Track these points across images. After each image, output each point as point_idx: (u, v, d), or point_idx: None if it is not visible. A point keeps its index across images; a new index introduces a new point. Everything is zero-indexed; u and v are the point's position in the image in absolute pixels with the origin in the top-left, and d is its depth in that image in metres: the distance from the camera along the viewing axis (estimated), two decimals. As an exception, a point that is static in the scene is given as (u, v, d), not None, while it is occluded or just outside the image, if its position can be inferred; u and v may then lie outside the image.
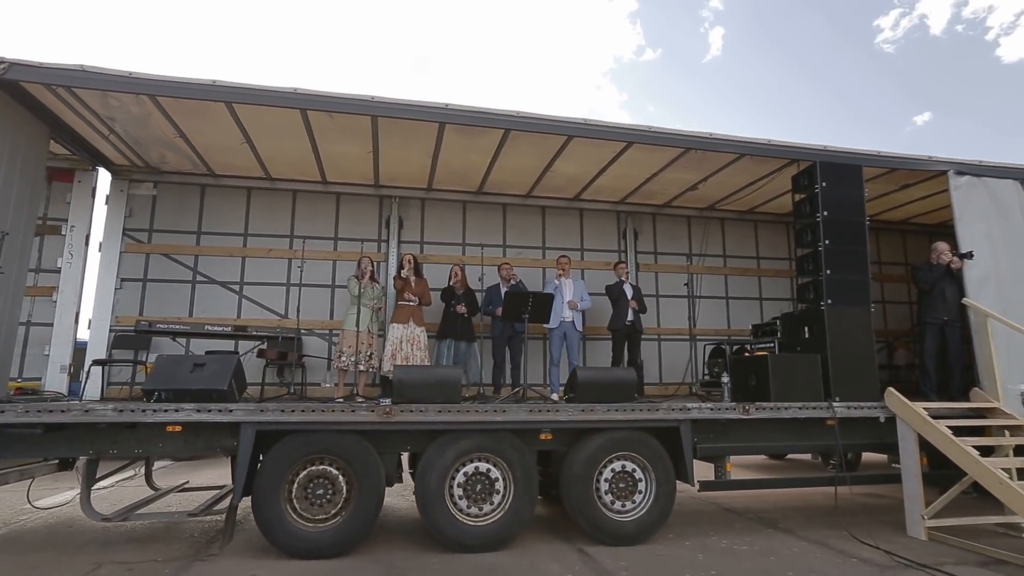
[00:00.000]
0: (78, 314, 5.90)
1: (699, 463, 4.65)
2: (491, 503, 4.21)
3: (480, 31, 58.39)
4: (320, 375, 6.59)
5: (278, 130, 5.41)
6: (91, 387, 5.71)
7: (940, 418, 4.68)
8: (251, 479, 3.95)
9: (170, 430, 3.93)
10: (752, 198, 7.43)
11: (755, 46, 50.86)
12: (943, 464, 4.64)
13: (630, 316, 6.58)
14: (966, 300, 5.39)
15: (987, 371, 5.13)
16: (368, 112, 4.86)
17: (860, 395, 4.98)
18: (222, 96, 4.55)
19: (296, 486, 4.00)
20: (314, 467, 4.05)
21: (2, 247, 4.35)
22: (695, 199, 7.48)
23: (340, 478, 4.06)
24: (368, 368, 5.94)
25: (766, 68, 52.64)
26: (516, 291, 5.88)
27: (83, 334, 6.10)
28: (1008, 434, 4.77)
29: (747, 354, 6.55)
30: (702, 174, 6.56)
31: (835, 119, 50.28)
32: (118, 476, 5.95)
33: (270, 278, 6.66)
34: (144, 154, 6.02)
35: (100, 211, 6.26)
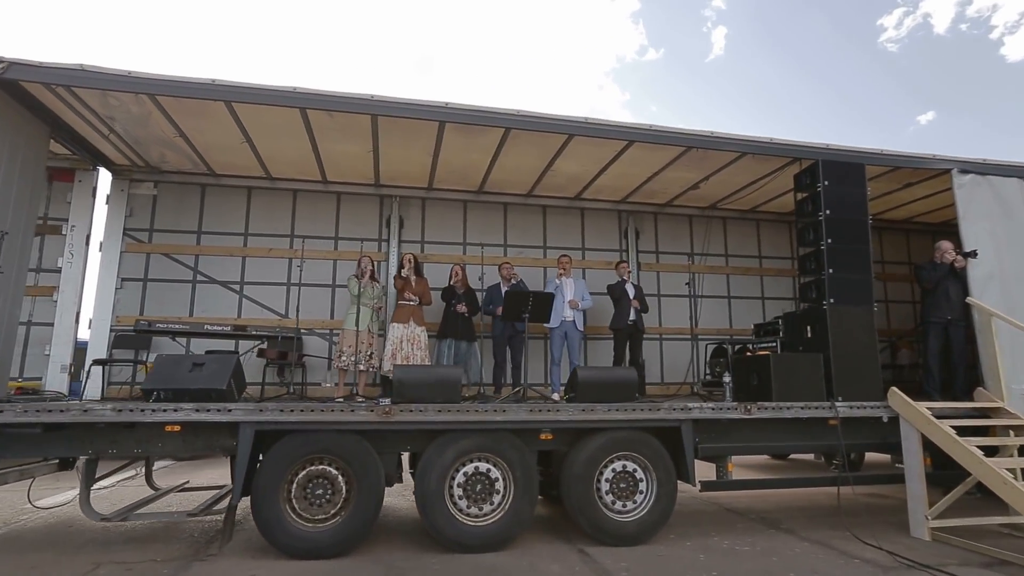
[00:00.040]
0: (79, 314, 5.90)
1: (701, 463, 4.62)
2: (491, 503, 4.19)
3: (482, 31, 58.40)
4: (321, 375, 6.58)
5: (278, 129, 5.40)
6: (92, 387, 5.71)
7: (944, 418, 4.64)
8: (250, 479, 3.94)
9: (169, 430, 3.93)
10: (754, 197, 7.39)
11: (758, 46, 50.75)
12: (947, 464, 4.60)
13: (632, 315, 6.56)
14: (970, 299, 5.35)
15: (991, 370, 5.09)
16: (368, 111, 4.84)
17: (863, 395, 4.95)
18: (221, 95, 4.54)
19: (295, 486, 3.98)
20: (313, 467, 4.04)
21: (1, 247, 4.35)
22: (697, 198, 7.45)
23: (339, 478, 4.05)
24: (368, 368, 5.93)
25: (769, 68, 52.51)
26: (516, 290, 5.86)
27: (84, 334, 6.10)
28: (1012, 434, 4.73)
29: (749, 354, 6.53)
30: (703, 173, 6.53)
31: (838, 119, 50.14)
32: (119, 476, 5.97)
33: (270, 278, 6.66)
34: (144, 154, 6.02)
35: (101, 211, 6.27)
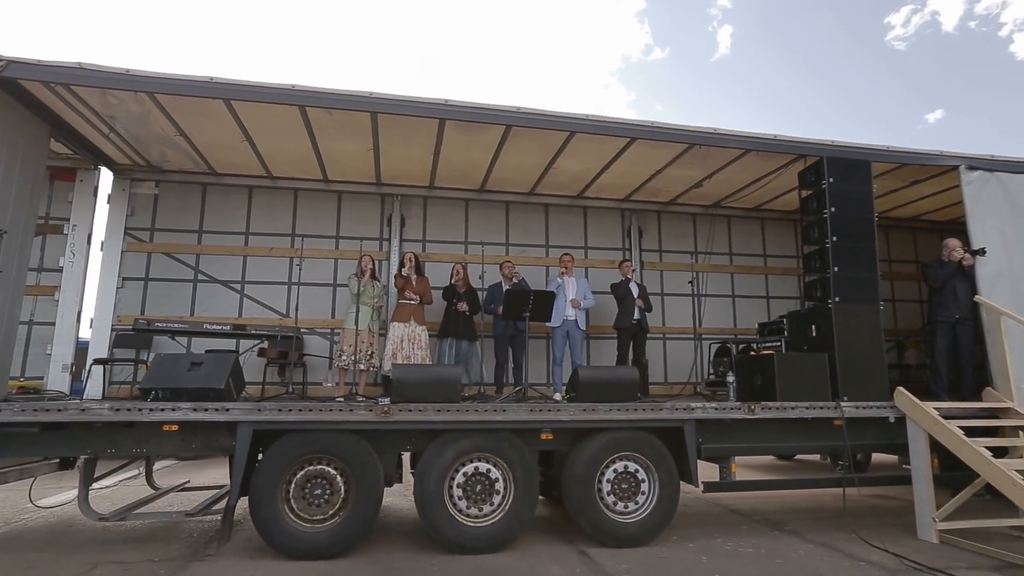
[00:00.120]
0: (80, 313, 5.90)
1: (704, 464, 4.57)
2: (491, 504, 4.15)
3: (487, 32, 58.41)
4: (322, 374, 6.56)
5: (278, 128, 5.38)
6: (92, 386, 5.71)
7: (951, 418, 4.57)
8: (249, 479, 3.92)
9: (167, 429, 3.90)
10: (758, 195, 7.32)
11: (764, 44, 50.53)
12: (955, 465, 4.53)
13: (636, 315, 6.51)
14: (978, 298, 5.27)
15: (1000, 370, 5.02)
16: (367, 108, 4.81)
17: (869, 395, 4.88)
18: (220, 93, 4.52)
19: (294, 486, 3.96)
20: (312, 467, 4.01)
21: (1, 246, 4.34)
22: (700, 196, 7.38)
23: (338, 478, 4.02)
24: (369, 367, 5.90)
25: (775, 67, 52.28)
26: (517, 289, 5.82)
27: (85, 333, 6.11)
28: (1022, 435, 4.65)
29: (753, 353, 6.47)
30: (707, 171, 6.47)
31: (845, 118, 49.86)
32: (120, 475, 5.97)
33: (271, 277, 6.64)
34: (145, 153, 6.01)
35: (102, 210, 6.27)
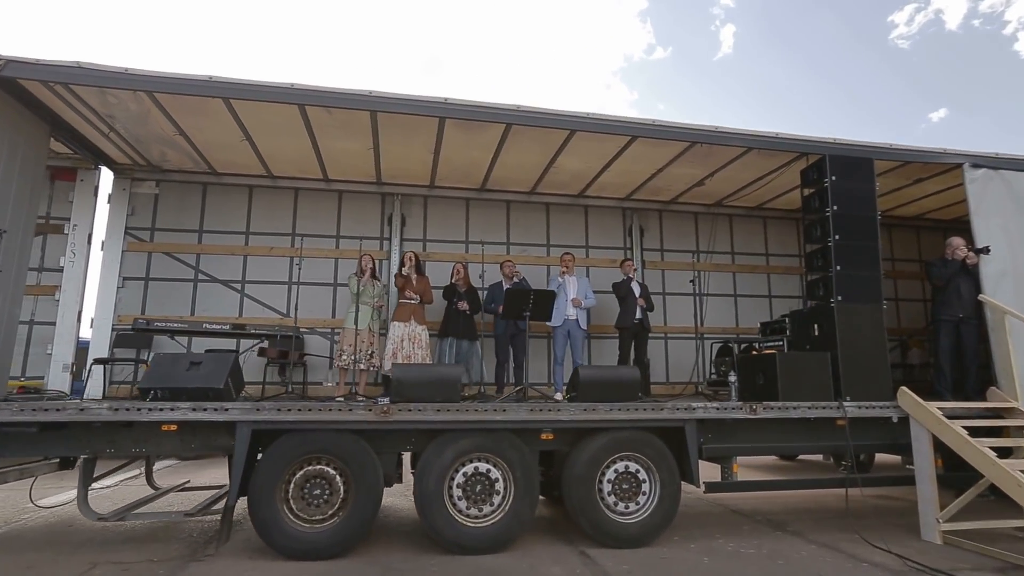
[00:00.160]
0: (80, 313, 5.90)
1: (705, 464, 4.54)
2: (491, 504, 4.12)
3: (490, 32, 58.38)
4: (322, 374, 6.55)
5: (277, 127, 5.37)
6: (93, 386, 5.71)
7: (955, 418, 4.53)
8: (248, 479, 3.90)
9: (166, 429, 3.89)
10: (760, 194, 7.28)
11: (766, 44, 50.41)
12: (959, 466, 4.49)
13: (638, 314, 6.48)
14: (982, 296, 5.23)
15: (1005, 370, 4.97)
16: (366, 107, 4.79)
17: (872, 394, 4.84)
18: (218, 92, 4.51)
19: (292, 486, 3.94)
20: (311, 467, 3.99)
21: (1, 245, 4.33)
22: (702, 195, 7.35)
23: (337, 478, 4.00)
24: (369, 367, 5.89)
25: (777, 66, 52.15)
26: (517, 288, 5.79)
27: (86, 333, 6.10)
28: (1027, 435, 4.61)
29: (755, 352, 6.43)
30: (709, 169, 6.43)
31: (848, 118, 49.71)
32: (121, 475, 5.97)
33: (272, 276, 6.63)
34: (145, 152, 6.01)
35: (102, 210, 6.27)
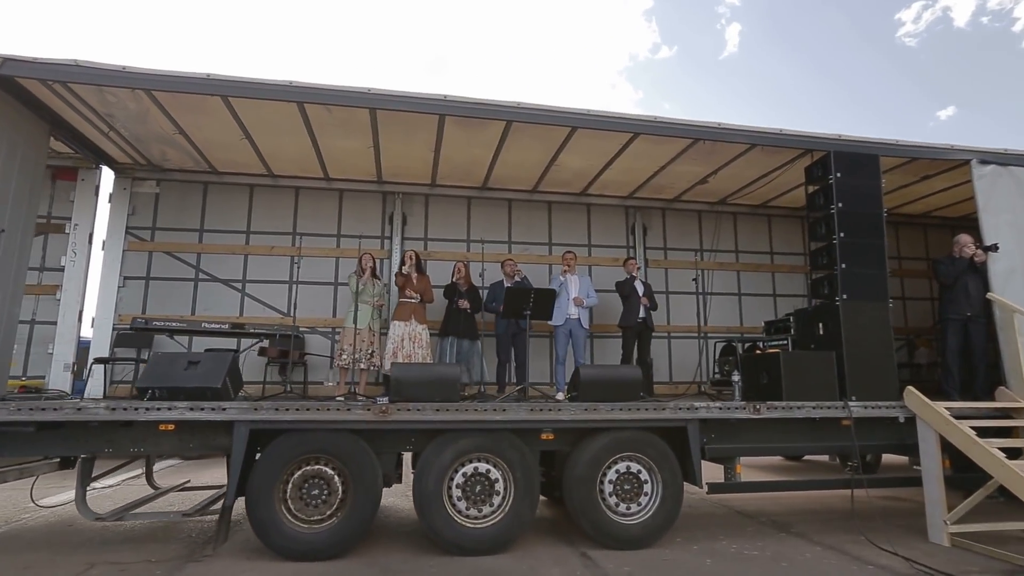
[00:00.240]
0: (81, 312, 5.90)
1: (708, 464, 4.48)
2: (491, 505, 4.08)
3: (494, 31, 58.38)
4: (323, 374, 6.53)
5: (277, 125, 5.35)
6: (94, 386, 5.70)
7: (963, 418, 4.45)
8: (246, 479, 3.87)
9: (163, 429, 3.87)
10: (765, 191, 7.21)
11: (772, 42, 50.17)
12: (967, 467, 4.42)
13: (642, 313, 6.42)
14: (991, 295, 5.15)
15: (1014, 369, 4.89)
16: (365, 104, 4.76)
17: (878, 394, 4.77)
18: (217, 90, 4.48)
19: (291, 486, 3.91)
20: (309, 467, 3.96)
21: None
22: (705, 193, 7.29)
23: (336, 478, 3.96)
24: (370, 367, 5.86)
25: (783, 65, 51.90)
26: (517, 287, 5.75)
27: (87, 332, 6.11)
28: (1036, 435, 4.53)
29: (759, 352, 6.37)
30: (712, 167, 6.37)
31: (854, 118, 49.42)
32: (123, 475, 5.97)
33: (273, 276, 6.62)
34: (145, 151, 6.00)
35: (103, 209, 6.28)
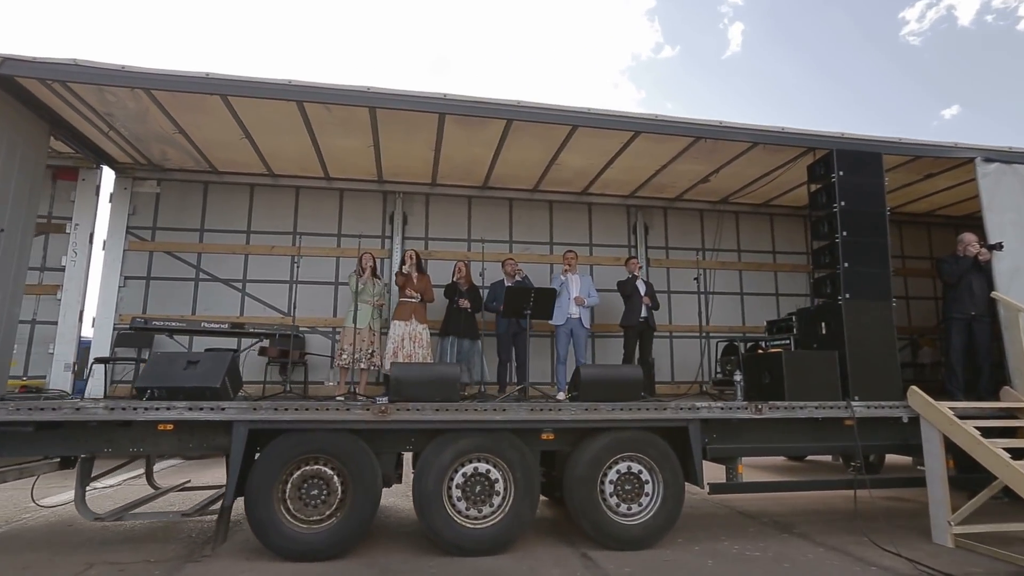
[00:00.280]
0: (82, 312, 5.91)
1: (710, 465, 4.45)
2: (491, 505, 4.06)
3: (497, 32, 58.38)
4: (324, 373, 6.52)
5: (276, 124, 5.34)
6: (94, 385, 5.70)
7: (967, 418, 4.41)
8: (246, 479, 3.86)
9: (162, 428, 3.86)
10: (767, 190, 7.17)
11: (775, 42, 50.05)
12: (971, 467, 4.37)
13: (643, 312, 6.39)
14: (995, 293, 5.10)
15: (1018, 368, 4.84)
16: (365, 103, 4.75)
17: (881, 394, 4.73)
18: (216, 89, 4.47)
19: (290, 486, 3.89)
20: (308, 467, 3.94)
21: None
22: (707, 192, 7.25)
23: (335, 478, 3.95)
24: (370, 366, 5.85)
25: (786, 64, 51.77)
26: (518, 286, 5.73)
27: (88, 332, 6.11)
28: (1042, 435, 4.49)
29: (761, 351, 6.33)
30: (713, 165, 6.34)
31: (857, 117, 49.30)
32: (124, 475, 5.96)
33: (273, 275, 6.61)
34: (146, 151, 6.00)
35: (104, 209, 6.28)
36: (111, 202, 6.34)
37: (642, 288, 6.50)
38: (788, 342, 5.95)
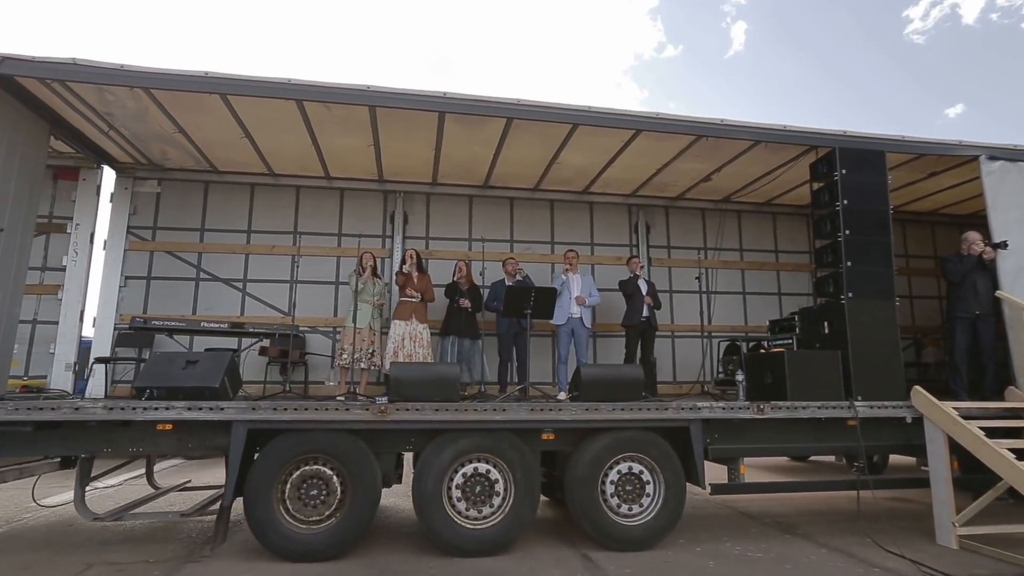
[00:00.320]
0: (83, 312, 5.91)
1: (712, 465, 4.42)
2: (491, 505, 4.04)
3: (500, 32, 58.37)
4: (325, 373, 6.51)
5: (276, 123, 5.32)
6: (95, 385, 5.70)
7: (972, 419, 4.37)
8: (245, 479, 3.85)
9: (161, 428, 3.85)
10: (769, 189, 7.13)
11: (778, 41, 49.91)
12: (975, 468, 4.34)
13: (645, 312, 6.36)
14: (1000, 292, 5.06)
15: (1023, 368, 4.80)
16: (364, 102, 4.73)
17: (884, 394, 4.69)
18: (214, 87, 4.46)
19: (289, 487, 3.88)
20: (307, 467, 3.93)
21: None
22: (709, 191, 7.22)
23: (334, 478, 3.94)
24: (370, 366, 5.83)
25: (789, 64, 51.62)
26: (518, 286, 5.71)
27: (89, 332, 6.11)
28: (1047, 436, 4.44)
29: (763, 351, 6.29)
30: (715, 164, 6.30)
31: (860, 117, 49.18)
32: (126, 475, 5.96)
33: (274, 275, 6.60)
34: (146, 151, 6.00)
35: (105, 209, 6.28)
36: (112, 202, 6.34)
37: (644, 287, 6.46)
38: (790, 342, 5.91)
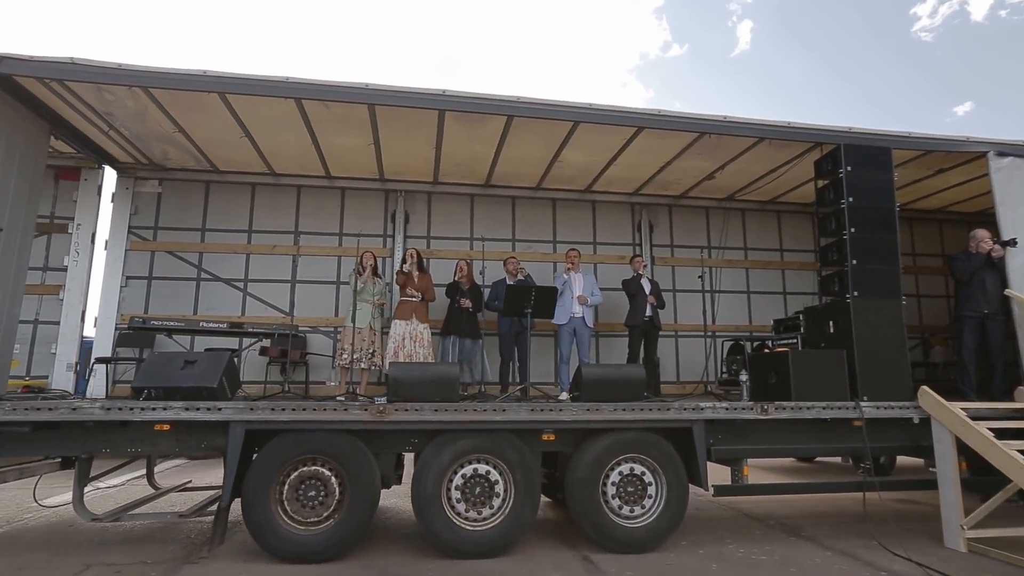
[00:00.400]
0: (84, 312, 5.91)
1: (715, 466, 4.36)
2: (491, 507, 4.00)
3: (505, 32, 58.39)
4: (325, 373, 6.49)
5: (276, 122, 5.31)
6: (96, 385, 5.70)
7: (980, 419, 4.30)
8: (243, 480, 3.83)
9: (159, 429, 3.83)
10: (773, 187, 7.06)
11: (784, 39, 49.69)
12: (984, 469, 4.25)
13: (648, 311, 6.31)
14: (1009, 291, 4.99)
15: (1033, 368, 4.73)
16: (364, 100, 4.70)
17: (891, 394, 4.62)
18: (213, 86, 4.45)
19: (287, 487, 3.85)
20: (306, 468, 3.90)
21: (-1, 243, 4.32)
22: (713, 189, 7.16)
23: (333, 479, 3.90)
24: (371, 366, 5.81)
25: (795, 63, 51.39)
26: (518, 285, 5.67)
27: (90, 332, 6.11)
28: (1058, 437, 4.36)
29: (767, 351, 6.23)
30: (719, 161, 6.24)
31: (867, 115, 48.95)
32: (127, 475, 5.96)
33: (274, 275, 6.59)
34: (147, 150, 6.00)
35: (106, 209, 6.29)
36: (113, 202, 6.35)
37: (647, 287, 6.41)
38: (795, 341, 5.86)
